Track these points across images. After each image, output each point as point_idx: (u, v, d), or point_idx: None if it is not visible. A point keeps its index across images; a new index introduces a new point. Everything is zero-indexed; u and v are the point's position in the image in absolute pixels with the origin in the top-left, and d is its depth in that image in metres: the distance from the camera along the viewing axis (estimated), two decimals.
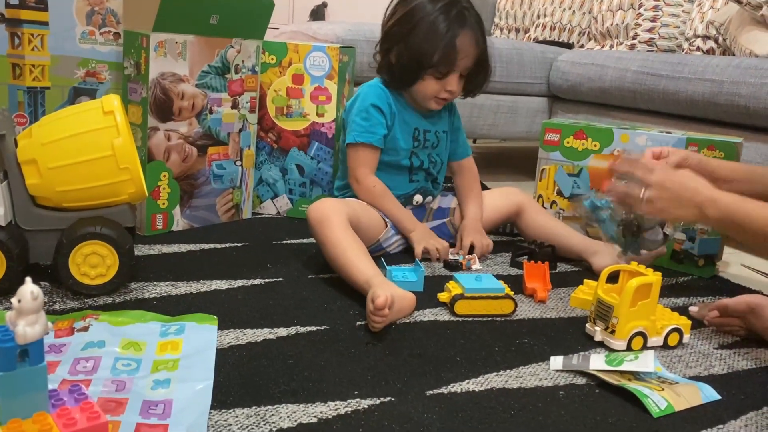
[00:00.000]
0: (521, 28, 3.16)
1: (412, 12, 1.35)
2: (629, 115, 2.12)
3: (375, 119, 1.40)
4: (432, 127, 1.48)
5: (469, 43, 1.35)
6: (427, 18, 1.33)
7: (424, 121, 1.46)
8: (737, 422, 0.85)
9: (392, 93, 1.43)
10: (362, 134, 1.40)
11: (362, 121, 1.41)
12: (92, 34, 1.39)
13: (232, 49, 1.51)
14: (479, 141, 3.53)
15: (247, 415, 0.77)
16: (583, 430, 0.81)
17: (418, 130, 1.46)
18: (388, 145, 1.43)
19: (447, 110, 1.52)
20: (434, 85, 1.38)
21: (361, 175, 1.41)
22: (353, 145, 1.41)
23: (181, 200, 1.47)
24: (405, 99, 1.45)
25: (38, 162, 1.05)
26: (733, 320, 1.12)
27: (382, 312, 0.99)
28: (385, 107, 1.41)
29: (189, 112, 1.45)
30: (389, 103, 1.41)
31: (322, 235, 1.22)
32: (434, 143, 1.49)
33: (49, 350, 0.87)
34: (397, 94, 1.44)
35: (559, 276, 1.37)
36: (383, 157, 1.43)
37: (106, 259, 1.07)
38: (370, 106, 1.40)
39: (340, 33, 2.04)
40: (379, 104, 1.40)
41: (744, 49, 2.06)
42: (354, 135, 1.41)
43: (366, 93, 1.43)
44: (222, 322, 1.01)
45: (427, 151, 1.48)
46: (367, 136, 1.40)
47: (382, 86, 1.43)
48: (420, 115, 1.46)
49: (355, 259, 1.16)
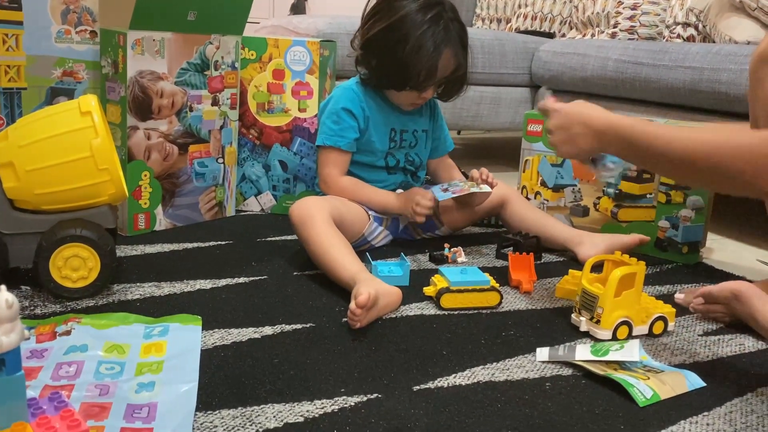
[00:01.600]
0: (503, 18, 3.15)
1: (399, 22, 1.32)
2: (611, 104, 2.13)
3: (346, 123, 1.39)
4: (410, 126, 1.47)
5: (451, 58, 1.35)
6: (414, 32, 1.31)
7: (402, 118, 1.46)
8: (722, 409, 0.86)
9: (368, 93, 1.42)
10: (331, 137, 1.40)
11: (332, 125, 1.40)
12: (68, 33, 1.37)
13: (211, 45, 1.49)
14: (463, 132, 3.53)
15: (233, 416, 0.77)
16: (570, 421, 0.81)
17: (394, 131, 1.45)
18: (363, 147, 1.42)
19: (428, 107, 1.51)
20: (412, 95, 1.39)
21: (329, 177, 1.41)
22: (323, 147, 1.41)
23: (163, 199, 1.46)
24: (381, 97, 1.44)
25: (15, 165, 1.04)
26: (717, 307, 1.13)
27: (362, 311, 0.99)
28: (357, 110, 1.40)
29: (169, 110, 1.44)
30: (362, 106, 1.40)
31: (305, 234, 1.22)
32: (412, 143, 1.48)
33: (30, 355, 0.86)
34: (373, 93, 1.43)
35: (545, 267, 1.37)
36: (359, 157, 1.43)
37: (87, 262, 1.06)
38: (341, 109, 1.40)
39: (321, 27, 2.02)
40: (351, 108, 1.40)
41: (723, 36, 2.07)
42: (323, 138, 1.41)
43: (338, 96, 1.42)
44: (206, 322, 1.00)
45: (404, 151, 1.48)
46: (335, 140, 1.39)
47: (356, 88, 1.42)
48: (398, 113, 1.45)
49: (339, 257, 1.16)
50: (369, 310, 1.01)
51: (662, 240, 1.47)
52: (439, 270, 1.20)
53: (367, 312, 1.01)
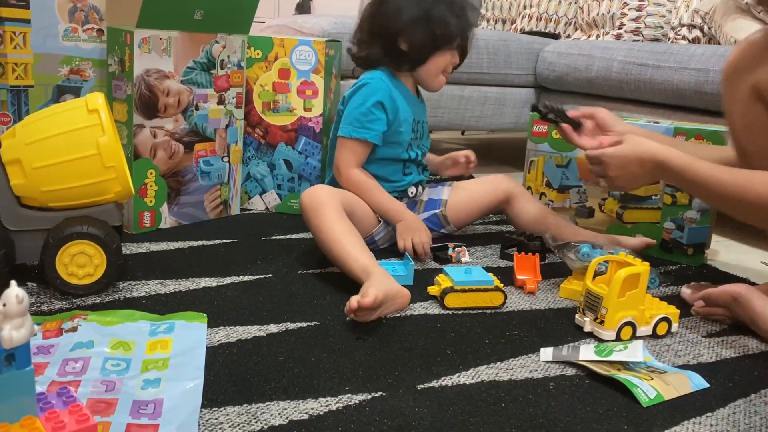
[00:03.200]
0: (507, 19, 3.15)
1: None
2: (616, 105, 2.13)
3: (375, 115, 1.36)
4: (422, 117, 1.49)
5: (472, 16, 1.40)
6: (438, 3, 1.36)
7: (416, 109, 1.46)
8: (725, 410, 0.86)
9: (394, 83, 1.40)
10: (357, 130, 1.36)
11: (360, 116, 1.36)
12: (75, 31, 1.38)
13: (217, 44, 1.50)
14: (467, 133, 3.53)
15: (238, 413, 0.77)
16: (574, 421, 0.81)
17: (416, 122, 1.45)
18: (391, 138, 1.39)
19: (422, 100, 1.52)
20: (446, 58, 1.39)
21: (345, 167, 1.37)
22: (345, 138, 1.38)
23: (168, 197, 1.47)
24: (404, 86, 1.43)
25: (23, 162, 1.04)
26: (717, 309, 1.13)
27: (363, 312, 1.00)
28: (388, 102, 1.37)
29: (175, 109, 1.44)
30: (392, 96, 1.38)
31: (316, 222, 1.21)
32: (422, 134, 1.49)
33: (37, 351, 0.86)
34: (398, 83, 1.41)
35: (549, 267, 1.37)
36: (384, 151, 1.40)
37: (93, 259, 1.06)
38: (374, 101, 1.36)
39: (326, 26, 2.03)
40: (383, 100, 1.36)
41: (729, 38, 2.07)
42: (349, 129, 1.36)
43: (370, 88, 1.37)
44: (212, 319, 1.01)
45: (419, 143, 1.48)
46: (362, 132, 1.36)
47: (387, 78, 1.39)
48: (415, 106, 1.45)
49: (350, 247, 1.16)
50: (373, 310, 1.01)
51: (667, 241, 1.47)
52: (444, 270, 1.20)
53: (371, 312, 1.01)
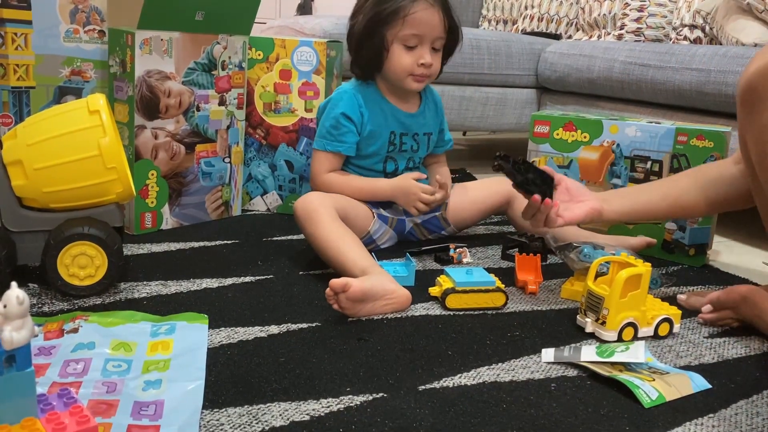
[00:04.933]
0: (509, 20, 3.15)
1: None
2: (618, 106, 2.13)
3: (345, 128, 1.36)
4: (413, 129, 1.42)
5: (426, 6, 1.30)
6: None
7: (404, 122, 1.41)
8: (728, 411, 0.86)
9: (368, 95, 1.38)
10: (331, 143, 1.36)
11: (332, 129, 1.37)
12: (77, 32, 1.38)
13: (219, 45, 1.50)
14: (468, 133, 3.53)
15: (239, 414, 0.77)
16: (575, 422, 0.81)
17: (394, 134, 1.40)
18: (361, 151, 1.39)
19: (433, 104, 1.49)
20: (405, 57, 1.32)
21: (318, 175, 1.38)
22: (319, 150, 1.38)
23: (169, 198, 1.47)
24: (382, 98, 1.40)
25: (24, 163, 1.04)
26: (726, 313, 1.12)
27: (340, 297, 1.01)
28: (355, 115, 1.36)
29: (176, 110, 1.44)
30: (360, 111, 1.37)
31: (311, 229, 1.21)
32: (413, 147, 1.44)
33: (38, 352, 0.87)
34: (374, 95, 1.39)
35: (550, 267, 1.37)
36: (357, 162, 1.40)
37: (94, 260, 1.06)
38: (340, 114, 1.36)
39: (327, 27, 2.03)
40: (349, 112, 1.36)
41: (730, 38, 2.06)
42: (324, 143, 1.37)
43: (336, 100, 1.38)
44: (213, 320, 1.01)
45: (406, 155, 1.44)
46: (335, 145, 1.36)
47: (355, 91, 1.38)
48: (400, 116, 1.40)
49: (347, 250, 1.16)
50: (355, 302, 1.03)
51: (669, 242, 1.47)
52: (445, 270, 1.20)
53: (353, 304, 1.03)
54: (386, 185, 1.38)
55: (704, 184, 1.20)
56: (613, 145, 1.52)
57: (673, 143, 1.45)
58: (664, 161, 1.46)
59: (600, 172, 1.55)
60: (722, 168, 1.21)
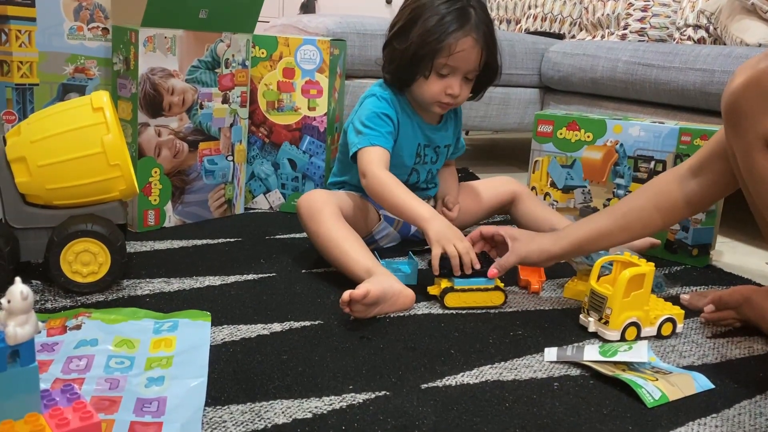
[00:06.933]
0: (512, 19, 3.15)
1: (417, 8, 1.27)
2: (621, 106, 2.12)
3: (385, 128, 1.30)
4: (434, 142, 1.40)
5: (471, 44, 1.25)
6: (427, 12, 1.25)
7: (428, 134, 1.38)
8: (731, 411, 0.86)
9: (399, 103, 1.34)
10: (377, 138, 1.27)
11: (376, 127, 1.28)
12: (80, 29, 1.38)
13: (222, 43, 1.50)
14: (471, 133, 3.53)
15: (241, 412, 0.77)
16: (578, 421, 0.81)
17: (420, 146, 1.38)
18: (392, 160, 1.30)
19: (453, 120, 1.45)
20: (436, 85, 1.27)
21: (369, 169, 1.25)
22: (365, 149, 1.27)
23: (172, 196, 1.47)
24: (410, 108, 1.36)
25: (27, 160, 1.04)
26: (728, 313, 1.12)
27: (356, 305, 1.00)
28: (393, 115, 1.31)
29: (179, 108, 1.44)
30: (396, 111, 1.32)
31: (314, 228, 1.21)
32: (433, 159, 1.42)
33: (41, 349, 0.87)
34: (403, 104, 1.35)
35: (553, 267, 1.36)
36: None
37: (97, 257, 1.06)
38: (381, 113, 1.30)
39: (331, 26, 2.03)
40: (389, 113, 1.31)
41: (735, 38, 2.06)
42: (369, 139, 1.27)
43: (372, 102, 1.32)
44: (215, 318, 1.01)
45: (426, 167, 1.42)
46: (381, 140, 1.27)
47: (386, 94, 1.33)
48: (424, 128, 1.38)
49: (350, 250, 1.15)
50: (368, 306, 1.02)
51: (672, 242, 1.47)
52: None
53: (366, 308, 1.02)
54: (429, 219, 1.17)
55: (657, 201, 1.13)
56: (617, 144, 1.52)
57: (676, 143, 1.45)
58: (667, 161, 1.46)
59: (603, 171, 1.55)
60: (672, 183, 1.14)
